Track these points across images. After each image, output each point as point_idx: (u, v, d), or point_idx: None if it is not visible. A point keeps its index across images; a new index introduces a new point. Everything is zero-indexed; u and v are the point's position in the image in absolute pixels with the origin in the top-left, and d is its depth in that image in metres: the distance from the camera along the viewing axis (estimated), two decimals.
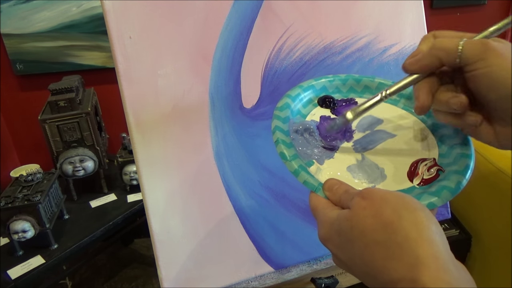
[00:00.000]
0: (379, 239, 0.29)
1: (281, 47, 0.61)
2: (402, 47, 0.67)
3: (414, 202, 0.31)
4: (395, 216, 0.29)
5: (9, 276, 1.01)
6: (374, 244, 0.29)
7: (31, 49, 1.50)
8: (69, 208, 1.27)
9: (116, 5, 0.53)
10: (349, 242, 0.32)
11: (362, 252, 0.30)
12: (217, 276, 0.64)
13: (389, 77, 0.67)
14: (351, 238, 0.31)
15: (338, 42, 0.63)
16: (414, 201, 0.31)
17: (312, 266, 0.71)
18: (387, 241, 0.29)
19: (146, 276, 1.65)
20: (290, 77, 0.62)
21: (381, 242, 0.29)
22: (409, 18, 0.67)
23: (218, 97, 0.59)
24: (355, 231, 0.31)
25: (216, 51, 0.58)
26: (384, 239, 0.29)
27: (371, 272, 0.30)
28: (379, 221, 0.30)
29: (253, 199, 0.63)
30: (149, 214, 0.59)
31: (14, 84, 1.58)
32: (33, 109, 1.40)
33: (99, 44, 1.52)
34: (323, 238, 0.35)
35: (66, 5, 1.45)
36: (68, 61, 1.54)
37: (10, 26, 1.45)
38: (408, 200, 0.31)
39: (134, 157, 0.57)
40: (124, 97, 0.55)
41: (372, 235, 0.30)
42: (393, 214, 0.30)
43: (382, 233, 0.29)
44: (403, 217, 0.29)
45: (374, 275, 0.30)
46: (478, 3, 1.69)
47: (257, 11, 0.59)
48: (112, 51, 0.54)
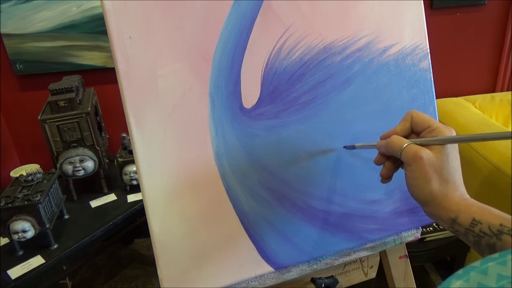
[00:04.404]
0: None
1: (281, 47, 0.61)
2: (402, 47, 0.67)
3: None
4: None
5: (9, 276, 1.01)
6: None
7: (31, 49, 1.50)
8: (69, 208, 1.27)
9: (116, 5, 0.53)
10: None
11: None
12: (217, 276, 0.64)
13: (389, 77, 0.67)
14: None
15: (338, 42, 0.63)
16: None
17: (312, 266, 0.71)
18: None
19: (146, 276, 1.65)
20: (290, 77, 0.62)
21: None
22: (409, 18, 0.67)
23: (218, 97, 0.59)
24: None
25: (216, 51, 0.58)
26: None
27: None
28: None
29: (253, 199, 0.63)
30: (149, 214, 0.59)
31: (14, 84, 1.58)
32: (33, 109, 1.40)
33: (99, 44, 1.53)
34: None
35: (66, 5, 1.45)
36: (68, 61, 1.54)
37: (10, 26, 1.45)
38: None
39: (134, 157, 0.57)
40: (124, 97, 0.55)
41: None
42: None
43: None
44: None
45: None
46: (478, 3, 1.69)
47: (257, 11, 0.59)
48: (112, 51, 0.54)
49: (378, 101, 0.67)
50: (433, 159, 0.44)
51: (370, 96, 0.66)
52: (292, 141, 0.63)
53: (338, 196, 0.67)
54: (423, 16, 0.68)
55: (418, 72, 0.68)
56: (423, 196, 0.45)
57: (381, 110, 0.67)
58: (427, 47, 0.69)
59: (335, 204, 0.68)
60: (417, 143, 0.45)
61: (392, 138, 0.47)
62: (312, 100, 0.63)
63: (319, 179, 0.66)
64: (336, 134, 0.65)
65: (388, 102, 0.67)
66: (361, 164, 0.67)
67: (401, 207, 0.72)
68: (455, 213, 0.43)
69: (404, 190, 0.71)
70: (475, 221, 0.41)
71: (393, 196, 0.71)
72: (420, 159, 0.43)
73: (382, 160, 0.51)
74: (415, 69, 0.68)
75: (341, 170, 0.67)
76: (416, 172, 0.44)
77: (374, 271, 0.86)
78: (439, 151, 0.44)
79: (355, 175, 0.68)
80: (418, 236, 0.77)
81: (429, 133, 0.46)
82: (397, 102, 0.68)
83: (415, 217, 0.74)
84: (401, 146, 0.46)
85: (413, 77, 0.68)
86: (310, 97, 0.63)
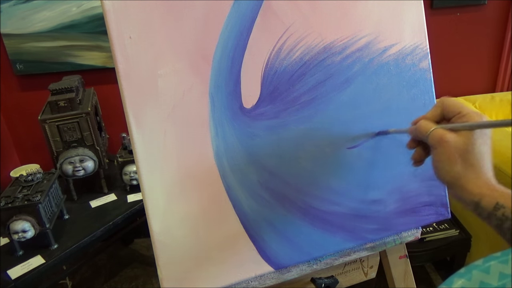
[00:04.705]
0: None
1: (281, 47, 0.61)
2: (402, 47, 0.67)
3: None
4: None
5: (9, 276, 1.01)
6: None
7: (31, 49, 1.50)
8: (69, 208, 1.27)
9: (116, 5, 0.53)
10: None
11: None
12: (217, 276, 0.64)
13: (389, 77, 0.67)
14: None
15: (338, 42, 0.63)
16: None
17: (312, 266, 0.71)
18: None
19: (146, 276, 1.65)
20: (290, 77, 0.62)
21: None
22: (409, 18, 0.67)
23: (218, 97, 0.59)
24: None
25: (216, 51, 0.58)
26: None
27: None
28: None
29: (253, 199, 0.63)
30: (149, 214, 0.59)
31: (14, 84, 1.58)
32: (33, 109, 1.40)
33: (99, 44, 1.52)
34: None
35: (66, 5, 1.45)
36: (68, 61, 1.54)
37: (10, 26, 1.45)
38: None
39: (134, 157, 0.57)
40: (124, 97, 0.55)
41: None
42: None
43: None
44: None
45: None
46: (478, 3, 1.69)
47: (257, 11, 0.59)
48: (112, 51, 0.54)
49: (378, 101, 0.67)
50: (459, 143, 0.45)
51: (370, 96, 0.66)
52: (292, 141, 0.63)
53: (338, 196, 0.67)
54: (423, 16, 0.68)
55: (418, 72, 0.68)
56: (448, 179, 0.46)
57: (381, 110, 0.67)
58: (427, 47, 0.69)
59: (335, 204, 0.68)
60: (445, 128, 0.47)
61: (421, 123, 0.49)
62: (312, 100, 0.63)
63: (319, 179, 0.66)
64: (336, 134, 0.65)
65: (388, 102, 0.67)
66: (361, 164, 0.67)
67: (401, 207, 0.72)
68: (478, 196, 0.43)
69: (404, 190, 0.71)
70: (499, 205, 0.41)
71: (393, 196, 0.71)
72: (445, 143, 0.45)
73: (413, 145, 0.53)
74: (415, 69, 0.68)
75: (341, 170, 0.67)
76: (442, 155, 0.46)
77: (374, 271, 0.86)
78: (467, 136, 0.45)
79: (355, 175, 0.68)
80: (418, 236, 0.77)
81: (459, 119, 0.47)
82: (397, 102, 0.68)
83: (415, 217, 0.74)
84: (428, 130, 0.47)
85: (413, 77, 0.68)
86: (310, 97, 0.63)
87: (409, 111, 0.68)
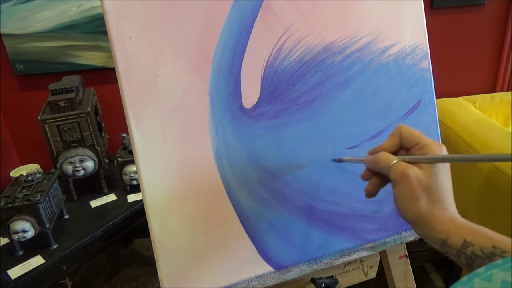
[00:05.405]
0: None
1: (281, 47, 0.61)
2: (402, 47, 0.67)
3: None
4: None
5: (9, 276, 1.01)
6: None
7: (31, 49, 1.50)
8: (69, 208, 1.27)
9: (116, 5, 0.53)
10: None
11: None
12: (217, 276, 0.64)
13: (389, 77, 0.67)
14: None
15: (338, 42, 0.63)
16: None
17: (312, 266, 0.71)
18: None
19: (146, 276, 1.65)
20: (290, 77, 0.62)
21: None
22: (409, 18, 0.67)
23: (218, 97, 0.59)
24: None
25: (216, 51, 0.58)
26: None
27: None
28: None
29: (253, 199, 0.63)
30: (149, 214, 0.59)
31: (14, 84, 1.58)
32: (33, 109, 1.40)
33: (99, 44, 1.52)
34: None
35: (66, 5, 1.45)
36: (68, 61, 1.54)
37: (10, 26, 1.45)
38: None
39: (134, 157, 0.57)
40: (124, 97, 0.55)
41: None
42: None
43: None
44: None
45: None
46: (478, 3, 1.69)
47: (257, 11, 0.59)
48: (112, 51, 0.54)
49: (378, 101, 0.67)
50: (421, 177, 0.42)
51: (370, 96, 0.66)
52: (292, 141, 0.63)
53: (338, 196, 0.67)
54: (423, 16, 0.68)
55: (418, 72, 0.68)
56: (411, 216, 0.43)
57: (381, 110, 0.67)
58: (427, 47, 0.69)
59: (335, 204, 0.68)
60: (405, 160, 0.44)
61: (380, 155, 0.46)
62: (312, 100, 0.63)
63: (319, 179, 0.66)
64: (336, 134, 0.65)
65: (388, 102, 0.67)
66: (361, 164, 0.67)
67: None
68: (445, 234, 0.41)
69: None
70: (467, 242, 0.39)
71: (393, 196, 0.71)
72: (407, 178, 0.42)
73: (369, 176, 0.49)
74: (415, 69, 0.68)
75: (341, 170, 0.67)
76: (404, 191, 0.43)
77: (374, 271, 0.86)
78: (428, 169, 0.42)
79: (355, 175, 0.68)
80: (418, 236, 0.77)
81: (418, 150, 0.44)
82: (397, 102, 0.68)
83: None
84: (389, 164, 0.44)
85: (413, 77, 0.68)
86: (310, 97, 0.63)
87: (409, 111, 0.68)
